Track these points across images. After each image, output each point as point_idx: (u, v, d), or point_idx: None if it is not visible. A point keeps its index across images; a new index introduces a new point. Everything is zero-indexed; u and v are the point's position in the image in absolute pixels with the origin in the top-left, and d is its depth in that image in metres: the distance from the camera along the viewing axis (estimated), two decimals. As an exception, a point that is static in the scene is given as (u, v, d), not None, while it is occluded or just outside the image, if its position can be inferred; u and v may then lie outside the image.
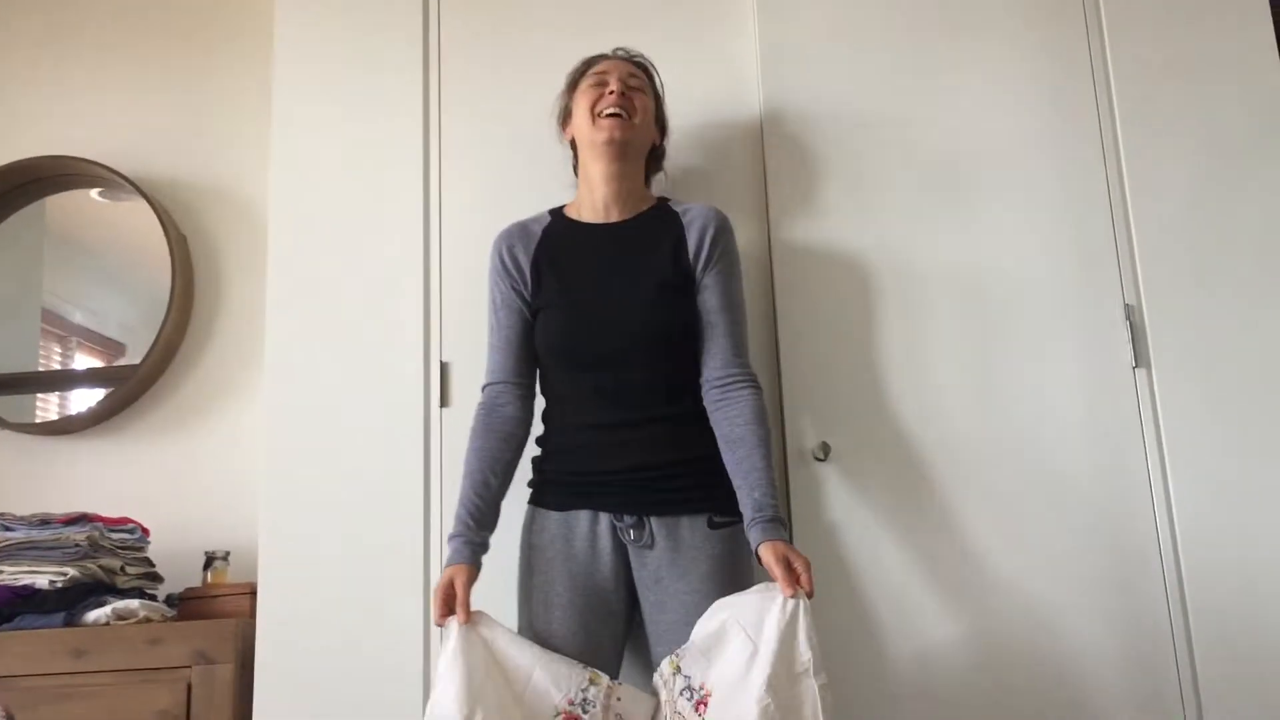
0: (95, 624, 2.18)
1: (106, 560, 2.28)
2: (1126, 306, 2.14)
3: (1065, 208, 2.20)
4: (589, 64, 2.06)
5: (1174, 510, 2.06)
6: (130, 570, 2.33)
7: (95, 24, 2.94)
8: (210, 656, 2.14)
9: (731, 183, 2.27)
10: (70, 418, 2.71)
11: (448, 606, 1.75)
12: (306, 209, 2.33)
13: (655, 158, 2.13)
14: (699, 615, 1.79)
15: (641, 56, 2.09)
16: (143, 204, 2.71)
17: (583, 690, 1.74)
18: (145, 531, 2.41)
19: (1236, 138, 2.21)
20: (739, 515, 1.87)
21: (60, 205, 2.86)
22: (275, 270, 2.29)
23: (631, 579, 1.87)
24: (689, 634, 1.78)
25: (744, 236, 2.07)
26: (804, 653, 1.66)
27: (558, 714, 1.71)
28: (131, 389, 2.67)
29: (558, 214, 2.07)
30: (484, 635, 1.75)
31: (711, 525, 1.84)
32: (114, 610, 2.18)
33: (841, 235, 2.21)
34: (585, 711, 1.72)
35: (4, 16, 2.98)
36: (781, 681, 1.65)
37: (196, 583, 2.38)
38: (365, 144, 2.35)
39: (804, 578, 1.70)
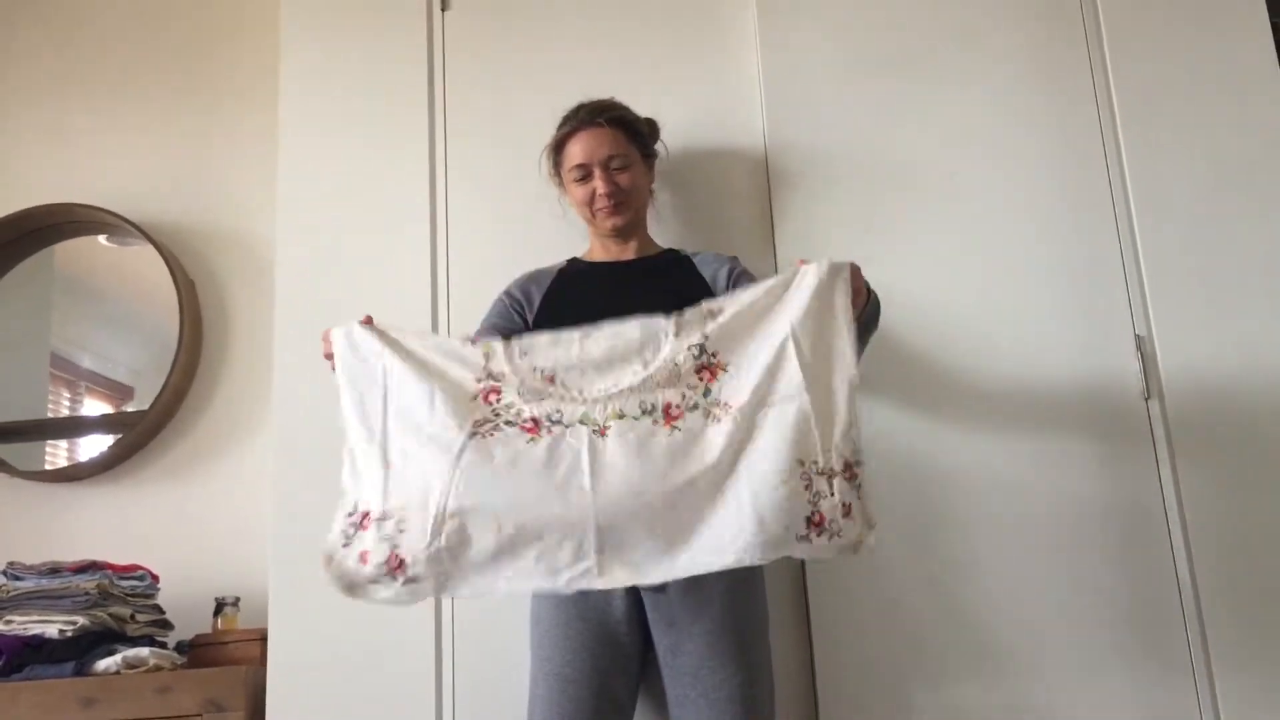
0: (105, 673, 2.16)
1: (116, 608, 2.27)
2: (1137, 337, 2.14)
3: (1073, 237, 2.20)
4: (564, 138, 2.05)
5: (1191, 546, 2.05)
6: (140, 618, 2.32)
7: (100, 72, 2.96)
8: (221, 704, 2.12)
9: (738, 218, 2.28)
10: (79, 464, 2.70)
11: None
12: (313, 252, 2.34)
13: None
14: (715, 655, 1.77)
15: (612, 109, 2.05)
16: (150, 249, 2.72)
17: (484, 367, 1.68)
18: (155, 578, 2.40)
19: (1242, 160, 2.22)
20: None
21: (69, 252, 2.87)
22: (283, 313, 2.30)
23: (645, 621, 1.85)
24: (704, 676, 1.77)
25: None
26: (849, 364, 1.61)
27: (475, 396, 1.67)
28: (140, 435, 2.67)
29: (573, 260, 2.12)
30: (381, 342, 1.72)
31: (724, 565, 1.83)
32: (124, 659, 2.17)
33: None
34: (500, 380, 1.67)
35: (9, 66, 3.00)
36: (821, 385, 1.60)
37: (207, 628, 2.36)
38: (371, 186, 2.37)
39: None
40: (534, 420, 1.64)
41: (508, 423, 1.64)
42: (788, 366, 1.61)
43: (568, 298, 2.02)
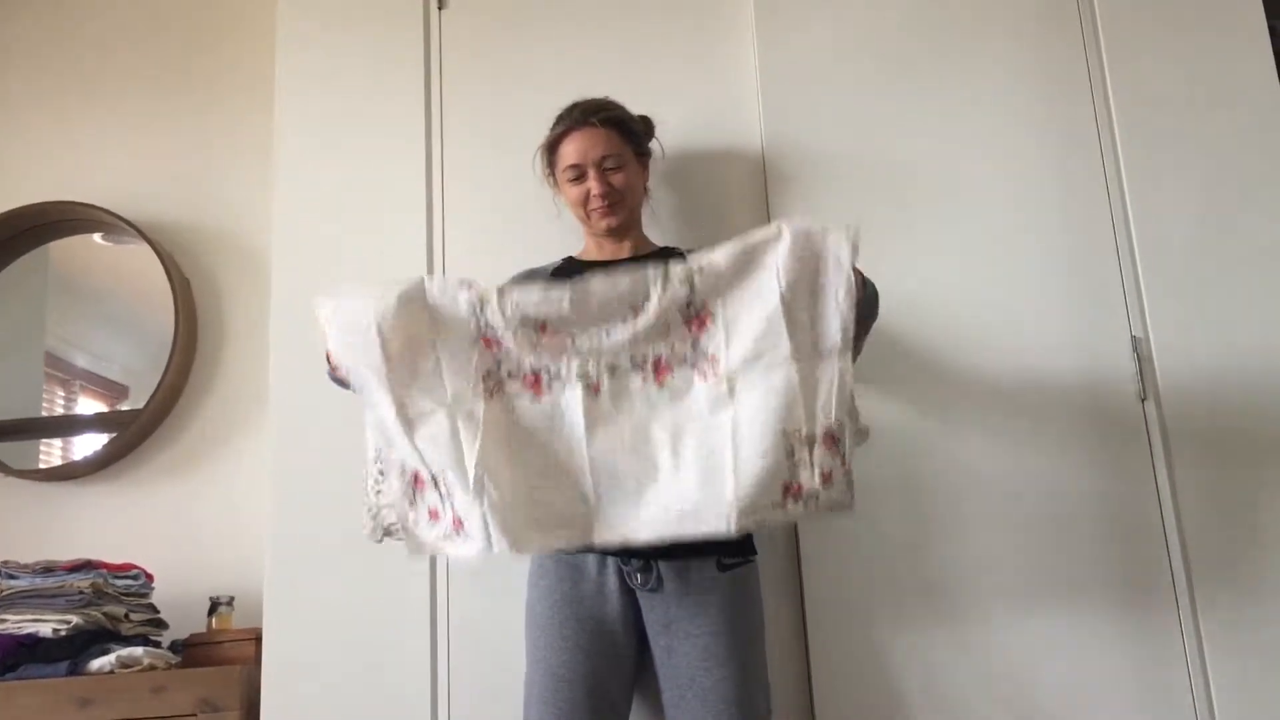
0: (99, 673, 2.15)
1: (111, 607, 2.26)
2: (1133, 339, 2.14)
3: (1070, 238, 2.20)
4: (558, 139, 2.03)
5: (1187, 547, 2.05)
6: (134, 617, 2.31)
7: (97, 71, 2.96)
8: (216, 704, 2.11)
9: (735, 217, 2.27)
10: (74, 463, 2.70)
11: None
12: (309, 251, 2.33)
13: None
14: (710, 657, 1.77)
15: (606, 109, 2.04)
16: (145, 248, 2.72)
17: (478, 313, 1.67)
18: (149, 577, 2.40)
19: (1238, 162, 2.21)
20: (747, 556, 1.88)
21: (64, 250, 2.86)
22: (278, 313, 2.29)
23: (640, 622, 1.85)
24: (700, 677, 1.77)
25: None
26: (834, 331, 1.60)
27: (475, 341, 1.67)
28: (135, 433, 2.66)
29: (569, 259, 2.12)
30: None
31: (720, 567, 1.83)
32: (118, 658, 2.16)
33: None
34: (496, 330, 1.67)
35: (5, 65, 3.00)
36: (806, 353, 1.60)
37: (201, 628, 2.36)
38: (367, 185, 2.36)
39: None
40: (534, 374, 1.68)
41: (509, 374, 1.68)
42: (777, 331, 1.61)
43: None
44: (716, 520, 1.59)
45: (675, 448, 1.64)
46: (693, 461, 1.62)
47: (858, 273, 1.64)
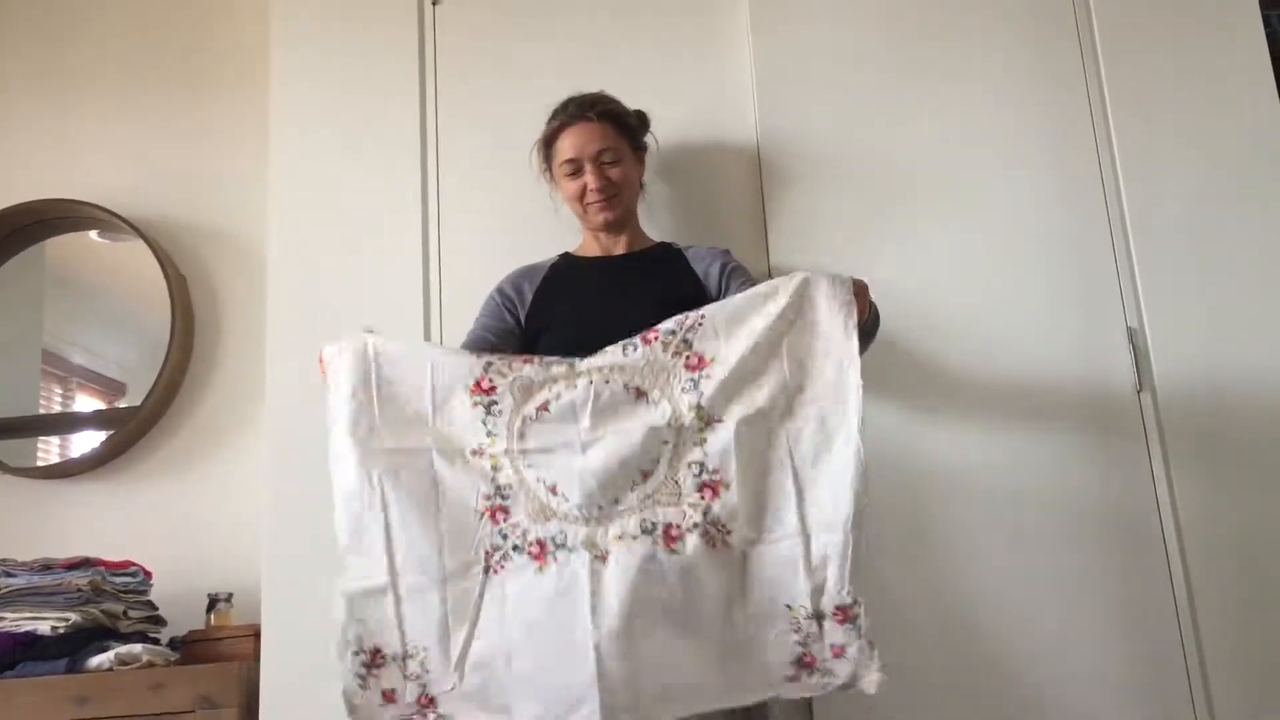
0: (98, 670, 2.15)
1: (109, 605, 2.26)
2: (1129, 330, 2.14)
3: (1065, 230, 2.20)
4: (554, 133, 2.04)
5: (1183, 538, 2.05)
6: (133, 614, 2.31)
7: (93, 68, 2.95)
8: (214, 701, 2.11)
9: (730, 211, 2.28)
10: (71, 460, 2.70)
11: None
12: (305, 248, 2.34)
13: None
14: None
15: (602, 103, 2.04)
16: (141, 245, 2.71)
17: (492, 479, 1.65)
18: (148, 575, 2.39)
19: (1233, 153, 2.21)
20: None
21: (60, 247, 2.85)
22: (275, 309, 2.30)
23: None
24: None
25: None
26: (845, 503, 1.58)
27: (481, 514, 1.64)
28: (132, 431, 2.66)
29: (565, 255, 2.12)
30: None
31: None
32: (117, 655, 2.16)
33: (841, 264, 2.19)
34: (508, 497, 1.64)
35: (2, 62, 2.99)
36: (816, 526, 1.58)
37: (200, 625, 2.36)
38: (363, 181, 2.36)
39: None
40: (540, 544, 1.61)
41: (515, 548, 1.63)
42: (787, 507, 1.61)
43: (560, 293, 2.02)
44: (733, 698, 1.57)
45: (687, 621, 1.57)
46: (707, 636, 1.58)
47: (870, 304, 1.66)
